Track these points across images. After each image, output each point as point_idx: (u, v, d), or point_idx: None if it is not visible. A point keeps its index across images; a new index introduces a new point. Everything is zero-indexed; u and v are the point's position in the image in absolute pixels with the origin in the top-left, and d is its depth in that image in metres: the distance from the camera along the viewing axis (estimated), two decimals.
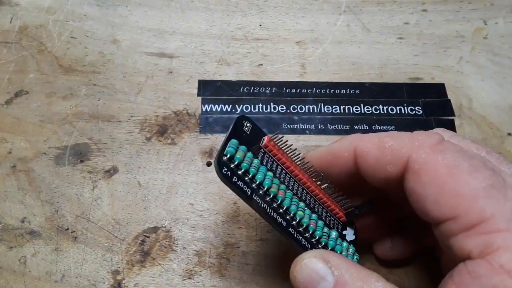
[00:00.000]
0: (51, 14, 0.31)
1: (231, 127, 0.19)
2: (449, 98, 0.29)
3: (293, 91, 0.29)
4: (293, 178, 0.20)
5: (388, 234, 0.22)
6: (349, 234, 0.21)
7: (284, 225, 0.18)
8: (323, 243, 0.19)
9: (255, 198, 0.18)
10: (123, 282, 0.23)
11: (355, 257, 0.20)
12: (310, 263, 0.16)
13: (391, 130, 0.28)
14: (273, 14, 0.32)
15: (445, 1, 0.33)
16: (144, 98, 0.28)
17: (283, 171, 0.20)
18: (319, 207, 0.21)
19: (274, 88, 0.29)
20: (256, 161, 0.18)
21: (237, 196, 0.18)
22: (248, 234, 0.24)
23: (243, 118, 0.20)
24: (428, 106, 0.29)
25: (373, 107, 0.28)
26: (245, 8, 0.32)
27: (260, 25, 0.32)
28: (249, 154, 0.18)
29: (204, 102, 0.28)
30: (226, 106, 0.28)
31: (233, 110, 0.28)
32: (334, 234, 0.20)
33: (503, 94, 0.29)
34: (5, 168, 0.25)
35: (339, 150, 0.19)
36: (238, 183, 0.18)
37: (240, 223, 0.25)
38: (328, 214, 0.21)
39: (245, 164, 0.18)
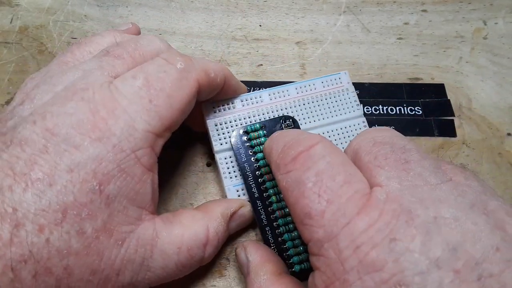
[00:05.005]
0: (51, 15, 0.31)
1: (273, 118, 0.25)
2: (448, 98, 0.29)
3: None
4: None
5: None
6: None
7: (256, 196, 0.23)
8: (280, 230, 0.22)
9: (246, 165, 0.23)
10: None
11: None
12: (238, 254, 0.22)
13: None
14: (273, 14, 0.32)
15: (445, 1, 0.33)
16: None
17: None
18: None
19: None
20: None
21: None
22: (248, 234, 0.24)
23: (290, 117, 0.25)
24: (428, 106, 0.29)
25: (373, 107, 0.29)
26: (245, 9, 0.32)
27: (260, 26, 0.32)
28: (263, 139, 0.24)
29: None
30: None
31: None
32: (296, 233, 0.22)
33: (503, 94, 0.29)
34: None
35: (265, 155, 0.21)
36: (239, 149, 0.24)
37: None
38: None
39: (253, 142, 0.24)
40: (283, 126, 0.24)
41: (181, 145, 0.27)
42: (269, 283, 0.19)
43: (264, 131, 0.24)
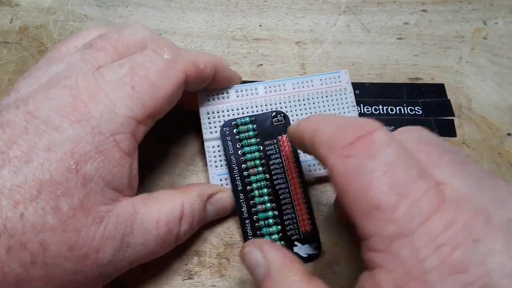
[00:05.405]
0: (51, 15, 0.31)
1: (264, 112, 0.25)
2: (448, 98, 0.29)
3: None
4: (285, 174, 0.24)
5: None
6: (302, 249, 0.23)
7: (239, 188, 0.23)
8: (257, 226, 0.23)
9: (232, 157, 0.24)
10: (123, 282, 0.23)
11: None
12: (249, 253, 0.19)
13: (391, 130, 0.28)
14: (273, 14, 0.32)
15: (445, 1, 0.33)
16: None
17: (281, 165, 0.24)
18: (290, 209, 0.23)
19: None
20: (254, 140, 0.24)
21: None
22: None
23: (281, 112, 0.25)
24: (428, 106, 0.29)
25: (373, 107, 0.29)
26: (245, 9, 0.32)
27: (260, 26, 0.32)
28: (252, 133, 0.24)
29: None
30: None
31: None
32: (274, 228, 0.23)
33: (503, 94, 0.29)
34: None
35: (296, 134, 0.19)
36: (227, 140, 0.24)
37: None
38: (294, 220, 0.23)
39: (241, 135, 0.24)
40: (273, 121, 0.24)
41: (181, 145, 0.27)
42: (301, 284, 0.17)
43: (254, 125, 0.24)
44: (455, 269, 0.13)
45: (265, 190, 0.23)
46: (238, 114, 0.25)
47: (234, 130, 0.24)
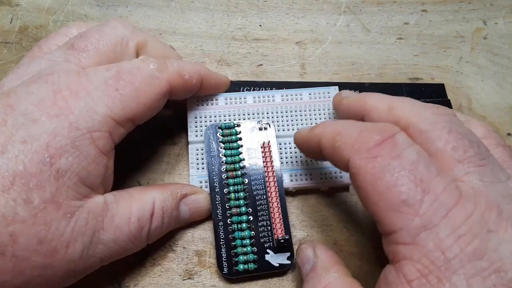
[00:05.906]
0: (51, 15, 0.31)
1: (251, 119, 0.25)
2: (448, 98, 0.29)
3: None
4: (264, 181, 0.24)
5: None
6: (274, 257, 0.23)
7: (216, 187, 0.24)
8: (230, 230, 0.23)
9: (212, 159, 0.24)
10: (123, 282, 0.23)
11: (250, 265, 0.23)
12: (304, 249, 0.21)
13: None
14: (273, 14, 0.32)
15: (445, 1, 0.33)
16: None
17: (260, 171, 0.24)
18: (265, 216, 0.23)
19: (274, 89, 0.29)
20: (236, 145, 0.24)
21: None
22: None
23: (266, 121, 0.25)
24: None
25: None
26: (245, 9, 0.32)
27: (260, 26, 0.32)
28: (235, 138, 0.24)
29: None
30: None
31: None
32: (247, 233, 0.23)
33: (503, 94, 0.29)
34: None
35: (310, 139, 0.21)
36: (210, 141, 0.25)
37: None
38: (268, 227, 0.23)
39: (224, 138, 0.24)
40: (258, 128, 0.25)
41: (181, 145, 0.27)
42: (339, 281, 0.19)
43: (238, 130, 0.25)
44: (473, 257, 0.15)
45: (242, 194, 0.23)
46: (224, 120, 0.26)
47: (218, 134, 0.25)
